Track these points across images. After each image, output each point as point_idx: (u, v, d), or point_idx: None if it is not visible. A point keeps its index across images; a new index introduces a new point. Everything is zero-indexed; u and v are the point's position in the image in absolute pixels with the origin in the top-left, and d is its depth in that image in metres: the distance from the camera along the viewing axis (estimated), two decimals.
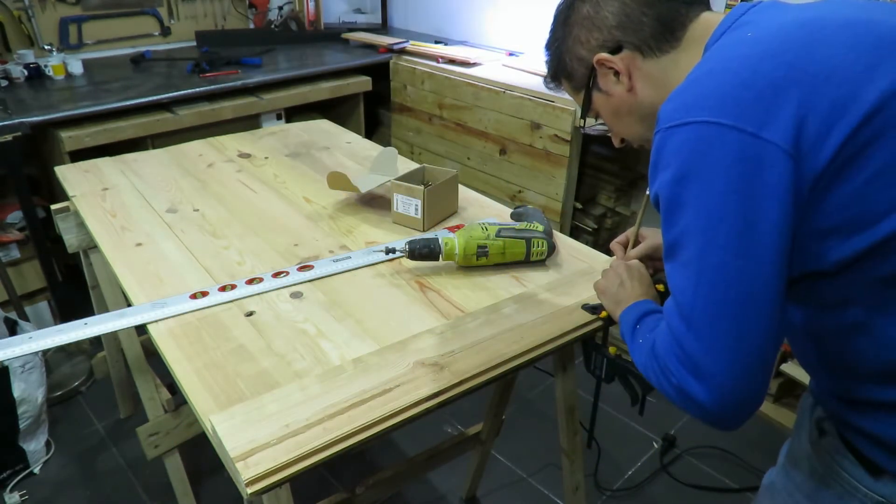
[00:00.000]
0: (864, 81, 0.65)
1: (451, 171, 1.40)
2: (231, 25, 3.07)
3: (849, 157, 0.64)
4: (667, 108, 0.71)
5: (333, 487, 1.84)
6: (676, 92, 0.72)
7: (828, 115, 0.64)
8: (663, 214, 0.72)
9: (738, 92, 0.66)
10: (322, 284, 1.14)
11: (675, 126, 0.69)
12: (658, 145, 0.71)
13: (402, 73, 2.81)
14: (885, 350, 0.70)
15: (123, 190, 1.51)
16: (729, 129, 0.65)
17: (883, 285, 0.68)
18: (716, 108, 0.66)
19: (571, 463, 1.35)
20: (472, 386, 0.92)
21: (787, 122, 0.64)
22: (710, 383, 0.68)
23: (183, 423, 1.62)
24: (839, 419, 0.80)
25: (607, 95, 0.88)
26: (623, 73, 0.84)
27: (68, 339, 1.04)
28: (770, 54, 0.67)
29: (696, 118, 0.67)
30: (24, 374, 1.84)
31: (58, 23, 2.59)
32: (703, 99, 0.68)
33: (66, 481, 1.87)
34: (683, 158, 0.68)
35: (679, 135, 0.68)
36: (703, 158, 0.66)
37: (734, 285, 0.66)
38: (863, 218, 0.66)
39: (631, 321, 0.89)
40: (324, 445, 0.79)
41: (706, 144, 0.66)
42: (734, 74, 0.67)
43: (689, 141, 0.67)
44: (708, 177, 0.66)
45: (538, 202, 2.41)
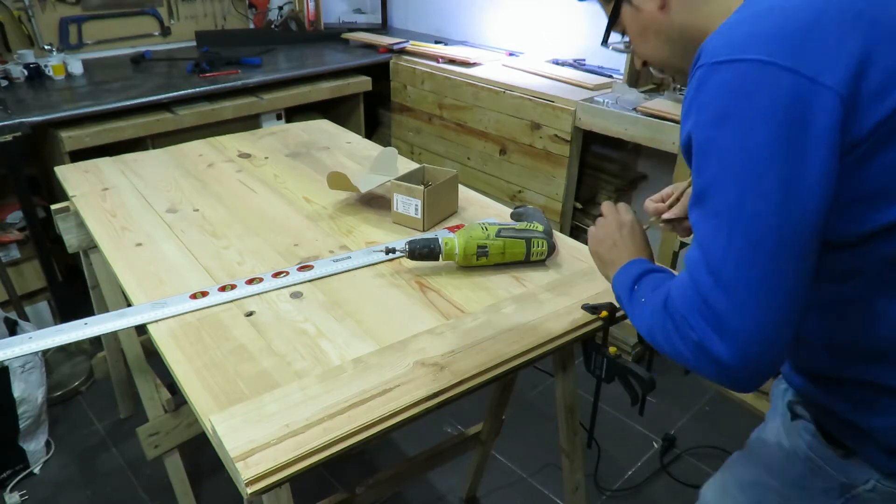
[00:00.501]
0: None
1: (451, 171, 1.40)
2: (231, 25, 3.07)
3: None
4: (714, 42, 0.66)
5: (333, 487, 1.84)
6: (728, 25, 0.66)
7: (891, 73, 0.60)
8: (696, 158, 0.67)
9: (799, 33, 0.62)
10: (322, 284, 1.14)
11: (721, 62, 0.63)
12: (698, 82, 0.65)
13: (402, 73, 2.81)
14: (879, 329, 0.69)
15: (123, 190, 1.51)
16: (784, 71, 0.60)
17: (892, 265, 0.66)
18: (773, 47, 0.61)
19: (571, 463, 1.35)
20: (472, 386, 0.92)
21: (848, 69, 0.60)
22: (734, 341, 0.63)
23: (183, 423, 1.62)
24: (813, 401, 0.80)
25: (637, 10, 0.80)
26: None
27: (68, 339, 1.04)
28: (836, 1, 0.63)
29: (748, 55, 0.62)
30: (24, 374, 1.84)
31: (58, 23, 2.59)
32: (758, 36, 0.63)
33: (66, 481, 1.87)
34: (727, 98, 0.62)
35: (725, 72, 0.63)
36: (749, 99, 0.61)
37: (772, 238, 0.62)
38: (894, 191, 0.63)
39: (627, 282, 0.83)
40: (324, 445, 0.79)
41: (755, 85, 0.61)
42: (797, 13, 0.63)
43: (736, 79, 0.62)
44: (753, 119, 0.61)
45: (538, 202, 2.41)
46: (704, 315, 0.65)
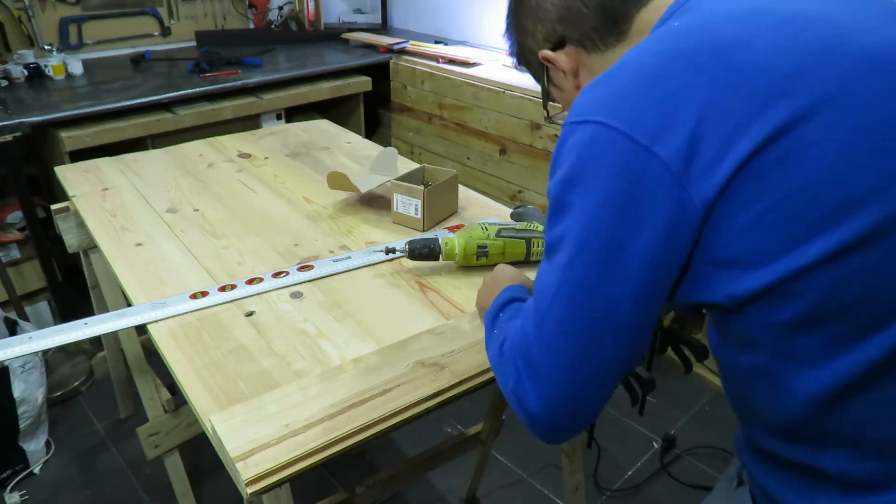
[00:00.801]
0: (780, 94, 0.56)
1: (451, 171, 1.40)
2: (231, 25, 3.07)
3: (746, 182, 0.56)
4: (578, 99, 0.65)
5: (333, 487, 1.84)
6: (592, 83, 0.66)
7: (728, 134, 0.56)
8: (549, 212, 0.67)
9: (639, 96, 0.60)
10: (322, 284, 1.14)
11: (575, 122, 0.63)
12: (560, 140, 0.66)
13: (402, 73, 2.81)
14: (789, 403, 0.63)
15: (123, 190, 1.51)
16: (621, 136, 0.59)
17: (789, 331, 0.60)
18: (615, 110, 0.60)
19: (571, 463, 1.35)
20: (472, 386, 0.92)
21: (681, 138, 0.57)
22: (543, 393, 0.65)
23: (183, 423, 1.62)
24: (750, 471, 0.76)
25: (560, 91, 0.83)
26: (568, 72, 0.78)
27: (68, 339, 1.04)
28: (683, 54, 0.60)
29: (594, 117, 0.61)
30: (24, 374, 1.84)
31: (58, 23, 2.59)
32: (605, 96, 0.62)
33: (66, 481, 1.87)
34: (574, 159, 0.62)
35: (577, 133, 0.63)
36: (590, 163, 0.61)
37: (588, 304, 0.62)
38: (759, 254, 0.58)
39: (493, 309, 0.84)
40: (324, 445, 0.79)
41: (597, 148, 0.60)
42: (641, 74, 0.61)
43: (582, 141, 0.62)
44: (591, 184, 0.60)
45: (538, 202, 2.41)
46: (525, 363, 0.66)
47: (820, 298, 0.58)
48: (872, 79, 0.57)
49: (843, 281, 0.57)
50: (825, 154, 0.55)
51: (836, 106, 0.55)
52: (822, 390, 0.61)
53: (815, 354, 0.61)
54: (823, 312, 0.58)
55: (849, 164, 0.55)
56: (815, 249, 0.56)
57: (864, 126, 0.56)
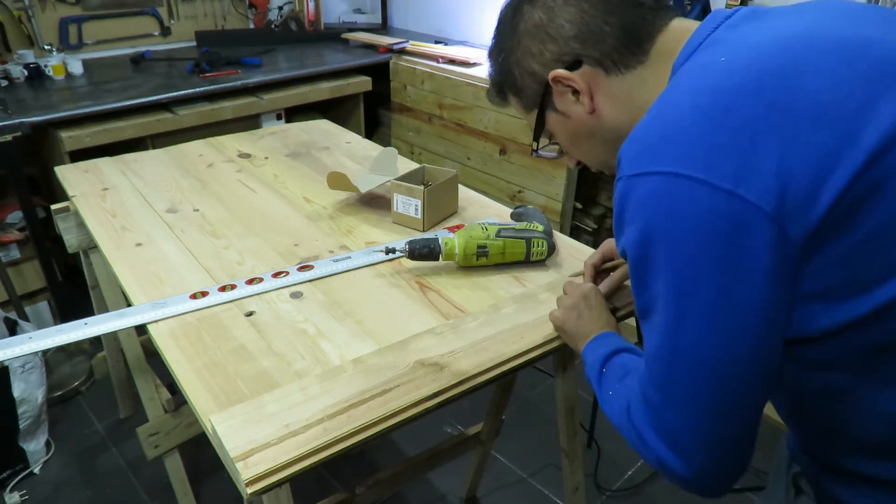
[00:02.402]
0: (861, 121, 0.54)
1: (451, 171, 1.40)
2: (231, 25, 3.07)
3: (843, 213, 0.54)
4: (629, 150, 0.62)
5: (333, 487, 1.84)
6: (639, 129, 0.62)
7: (818, 166, 0.54)
8: (632, 273, 0.64)
9: (708, 137, 0.56)
10: (322, 284, 1.14)
11: (637, 175, 0.59)
12: (621, 195, 0.62)
13: (402, 73, 2.81)
14: (872, 421, 0.62)
15: (123, 190, 1.51)
16: (699, 185, 0.55)
17: (874, 354, 0.59)
18: (683, 156, 0.56)
19: (571, 463, 1.35)
20: (472, 386, 0.92)
21: (768, 177, 0.54)
22: (690, 460, 0.62)
23: (183, 423, 1.62)
24: (815, 482, 0.75)
25: (564, 117, 0.77)
26: (584, 92, 0.73)
27: (68, 339, 1.04)
28: (746, 89, 0.57)
29: (660, 168, 0.57)
30: (24, 374, 1.84)
31: (58, 23, 2.59)
32: (668, 143, 0.58)
33: (66, 481, 1.87)
34: (649, 216, 0.58)
35: (643, 186, 0.59)
36: (670, 218, 0.57)
37: (712, 363, 0.59)
38: (854, 283, 0.56)
39: (596, 363, 0.82)
40: (324, 445, 0.79)
41: (673, 201, 0.56)
42: (703, 114, 0.57)
43: (654, 195, 0.58)
44: (678, 240, 0.57)
45: (538, 202, 2.41)
46: (659, 433, 0.64)
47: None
48: None
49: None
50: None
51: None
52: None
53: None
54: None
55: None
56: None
57: None
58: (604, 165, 0.82)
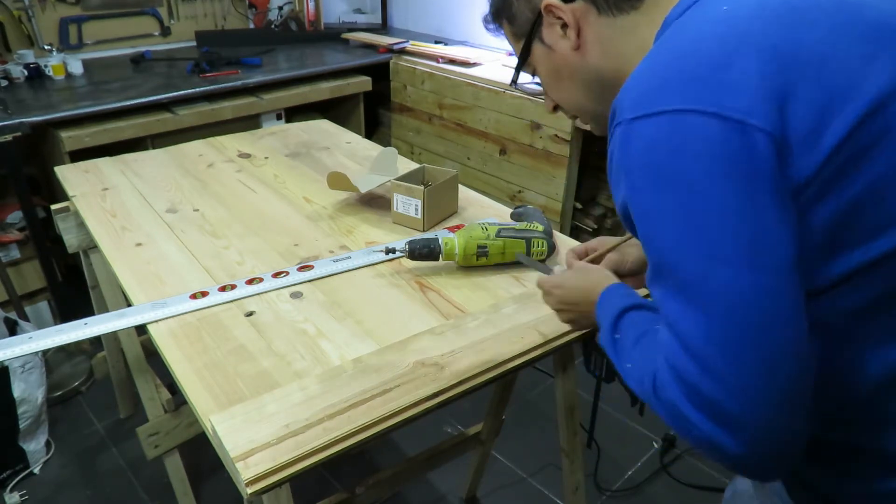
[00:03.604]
0: (860, 74, 0.55)
1: (451, 171, 1.40)
2: (231, 25, 3.06)
3: (844, 161, 0.54)
4: (629, 93, 0.59)
5: (333, 487, 1.84)
6: (638, 73, 0.60)
7: (821, 111, 0.54)
8: (640, 227, 0.59)
9: (717, 74, 0.55)
10: (322, 284, 1.14)
11: (639, 117, 0.57)
12: (620, 142, 0.58)
13: (402, 73, 2.81)
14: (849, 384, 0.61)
15: (123, 190, 1.51)
16: (710, 118, 0.53)
17: (856, 314, 0.58)
18: (692, 92, 0.55)
19: (571, 463, 1.35)
20: (472, 386, 0.92)
21: (775, 113, 0.54)
22: (743, 433, 0.54)
23: (183, 423, 1.62)
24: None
25: (549, 50, 0.75)
26: (571, 26, 0.71)
27: (68, 339, 1.04)
28: (751, 34, 0.56)
29: (667, 106, 0.55)
30: (24, 374, 1.84)
31: (58, 23, 2.59)
32: (674, 83, 0.56)
33: (66, 481, 1.87)
34: (656, 157, 0.56)
35: (647, 127, 0.56)
36: (682, 156, 0.54)
37: (753, 306, 0.53)
38: (847, 239, 0.56)
39: (606, 332, 0.74)
40: (324, 445, 0.79)
41: (684, 137, 0.54)
42: (710, 55, 0.56)
43: (662, 135, 0.55)
44: (693, 177, 0.54)
45: (538, 202, 2.41)
46: (702, 408, 0.55)
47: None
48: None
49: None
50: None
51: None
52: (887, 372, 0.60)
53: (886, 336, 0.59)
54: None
55: None
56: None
57: None
58: (579, 109, 0.80)
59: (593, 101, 0.76)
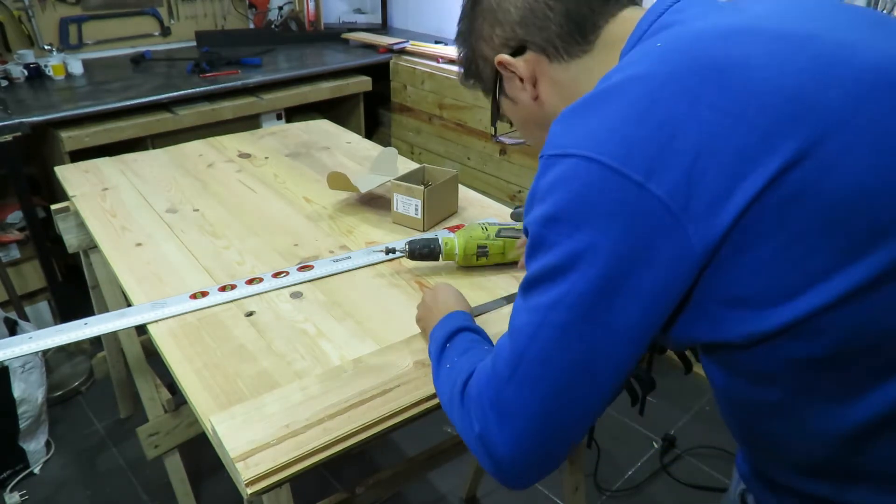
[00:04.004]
0: (787, 121, 0.52)
1: (451, 171, 1.40)
2: (231, 25, 3.06)
3: (754, 222, 0.52)
4: (555, 129, 0.61)
5: (333, 487, 1.84)
6: (568, 112, 0.61)
7: (732, 169, 0.52)
8: (528, 248, 0.62)
9: (628, 127, 0.55)
10: (322, 284, 1.14)
11: (556, 155, 0.59)
12: (539, 173, 0.61)
13: (402, 73, 2.81)
14: (808, 440, 0.60)
15: (123, 190, 1.51)
16: (611, 172, 0.54)
17: (808, 368, 0.57)
18: (601, 143, 0.55)
19: (571, 463, 1.35)
20: None
21: (679, 173, 0.52)
22: (512, 437, 0.61)
23: (183, 423, 1.62)
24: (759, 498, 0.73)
25: (513, 102, 0.78)
26: (526, 79, 0.73)
27: (68, 339, 1.04)
28: (674, 77, 0.55)
29: (577, 151, 0.57)
30: (24, 374, 1.84)
31: (58, 23, 2.59)
32: (589, 128, 0.57)
33: (66, 481, 1.87)
34: (558, 196, 0.57)
35: (558, 167, 0.58)
36: (576, 202, 0.56)
37: (572, 349, 0.58)
38: (774, 292, 0.54)
39: (440, 339, 0.81)
40: (324, 445, 0.79)
41: (583, 186, 0.56)
42: (629, 103, 0.56)
43: (566, 176, 0.57)
44: (578, 224, 0.56)
45: None
46: (495, 405, 0.62)
47: (844, 336, 0.54)
48: (882, 95, 0.53)
49: (870, 317, 0.53)
50: (844, 180, 0.51)
51: (850, 128, 0.52)
52: (851, 428, 0.57)
53: (842, 391, 0.57)
54: (849, 349, 0.55)
55: (870, 189, 0.51)
56: (838, 285, 0.52)
57: (881, 147, 0.52)
58: None
59: None
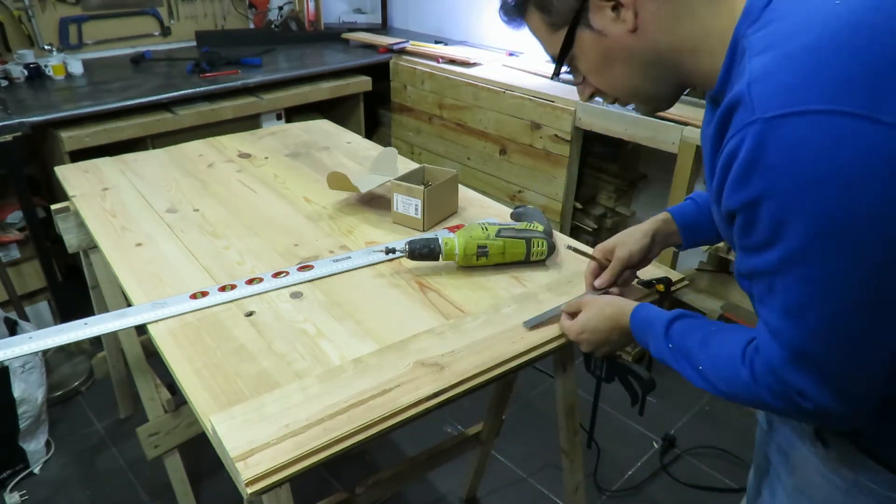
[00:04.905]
0: None
1: (451, 171, 1.40)
2: (231, 25, 3.07)
3: None
4: (763, 88, 0.57)
5: (333, 487, 1.84)
6: (769, 66, 0.58)
7: None
8: (770, 223, 0.59)
9: (863, 73, 0.53)
10: (322, 284, 1.14)
11: (782, 115, 0.55)
12: (758, 140, 0.57)
13: (402, 73, 2.81)
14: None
15: (123, 190, 1.51)
16: (863, 121, 0.53)
17: None
18: (840, 92, 0.53)
19: (571, 463, 1.35)
20: (472, 386, 0.92)
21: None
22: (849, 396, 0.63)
23: (183, 423, 1.62)
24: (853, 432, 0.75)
25: (599, 35, 0.71)
26: (628, 6, 0.68)
27: (68, 339, 1.04)
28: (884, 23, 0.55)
29: (813, 106, 0.54)
30: (24, 374, 1.84)
31: (58, 23, 2.59)
32: (817, 81, 0.54)
33: (66, 481, 1.87)
34: (805, 160, 0.54)
35: (792, 128, 0.55)
36: (834, 160, 0.54)
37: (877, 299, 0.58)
38: None
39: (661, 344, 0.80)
40: (324, 445, 0.79)
41: (836, 141, 0.53)
42: (850, 51, 0.55)
43: (808, 136, 0.54)
44: (844, 182, 0.54)
45: (538, 202, 2.41)
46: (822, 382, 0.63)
47: None
48: None
49: None
50: None
51: None
52: None
53: None
54: None
55: None
56: None
57: None
58: (634, 94, 0.77)
59: (651, 83, 0.74)
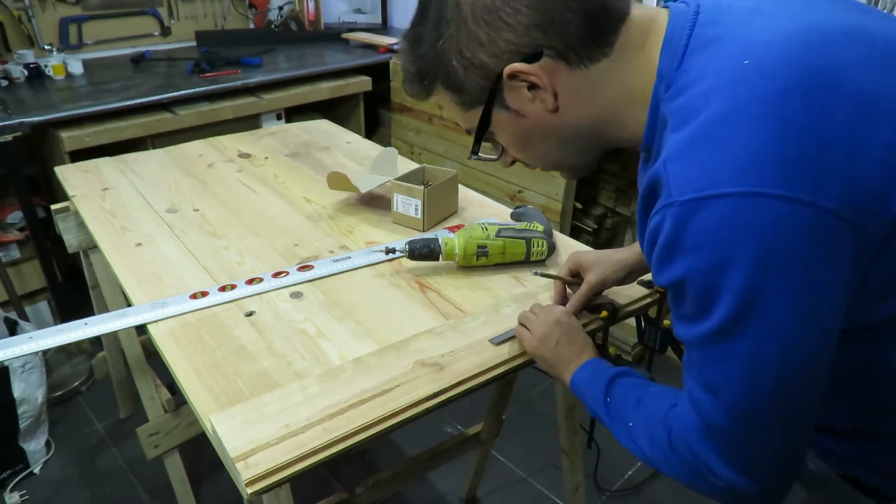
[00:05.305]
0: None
1: (451, 171, 1.40)
2: (231, 25, 3.06)
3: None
4: (679, 171, 0.57)
5: (333, 487, 1.84)
6: (684, 148, 0.57)
7: (887, 164, 0.53)
8: (694, 303, 0.60)
9: (777, 150, 0.53)
10: (322, 284, 1.14)
11: (700, 199, 0.55)
12: (678, 222, 0.57)
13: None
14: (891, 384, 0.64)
15: (123, 190, 1.51)
16: (780, 201, 0.52)
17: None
18: (755, 173, 0.53)
19: (571, 463, 1.35)
20: (472, 386, 0.92)
21: (842, 183, 0.53)
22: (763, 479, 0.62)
23: (183, 423, 1.62)
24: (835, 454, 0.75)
25: (517, 115, 0.70)
26: (545, 88, 0.66)
27: (68, 339, 1.04)
28: (795, 91, 0.54)
29: (731, 188, 0.53)
30: (24, 374, 1.84)
31: (58, 23, 2.59)
32: (732, 161, 0.54)
33: (66, 481, 1.87)
34: (725, 241, 0.54)
35: (711, 211, 0.54)
36: (750, 241, 0.54)
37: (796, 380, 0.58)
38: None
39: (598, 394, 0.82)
40: (324, 445, 0.79)
41: (752, 223, 0.53)
42: (761, 126, 0.54)
43: (727, 219, 0.54)
44: (763, 262, 0.54)
45: (538, 202, 2.41)
46: (731, 462, 0.62)
47: None
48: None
49: None
50: None
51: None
52: None
53: None
54: None
55: None
56: None
57: None
58: (557, 165, 0.77)
59: (575, 155, 0.75)
